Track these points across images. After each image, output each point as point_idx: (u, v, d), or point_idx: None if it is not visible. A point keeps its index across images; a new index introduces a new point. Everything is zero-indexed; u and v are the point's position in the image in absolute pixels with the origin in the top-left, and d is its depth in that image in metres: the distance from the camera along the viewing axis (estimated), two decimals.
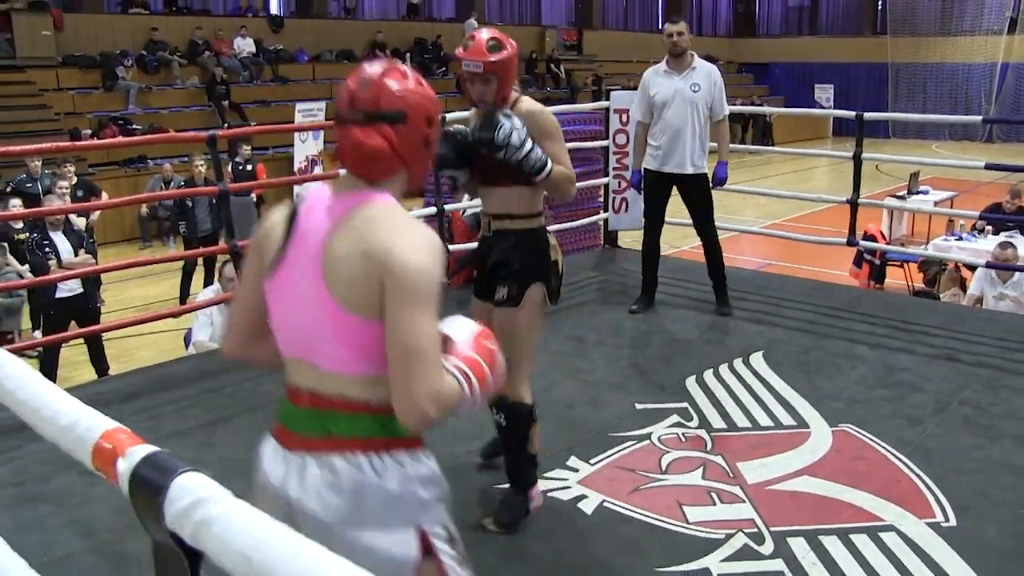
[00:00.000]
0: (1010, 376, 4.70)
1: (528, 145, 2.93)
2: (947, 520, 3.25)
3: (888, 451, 3.79)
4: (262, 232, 1.74)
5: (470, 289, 3.35)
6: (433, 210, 6.04)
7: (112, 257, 9.27)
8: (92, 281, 6.94)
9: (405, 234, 1.59)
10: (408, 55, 20.05)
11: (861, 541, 3.13)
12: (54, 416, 1.19)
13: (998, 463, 3.71)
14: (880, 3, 30.44)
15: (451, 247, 5.98)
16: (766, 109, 18.46)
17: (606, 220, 7.32)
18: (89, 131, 13.59)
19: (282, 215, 1.73)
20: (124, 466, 1.05)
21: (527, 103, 3.14)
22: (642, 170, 5.59)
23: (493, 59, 2.91)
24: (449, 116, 5.87)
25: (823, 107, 26.73)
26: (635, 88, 5.95)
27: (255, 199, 10.75)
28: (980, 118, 8.75)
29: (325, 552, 0.92)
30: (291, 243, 1.67)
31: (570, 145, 7.25)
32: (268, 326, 1.74)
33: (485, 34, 2.97)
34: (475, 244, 3.42)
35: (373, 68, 1.71)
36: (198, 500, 0.95)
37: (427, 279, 1.56)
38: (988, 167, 6.37)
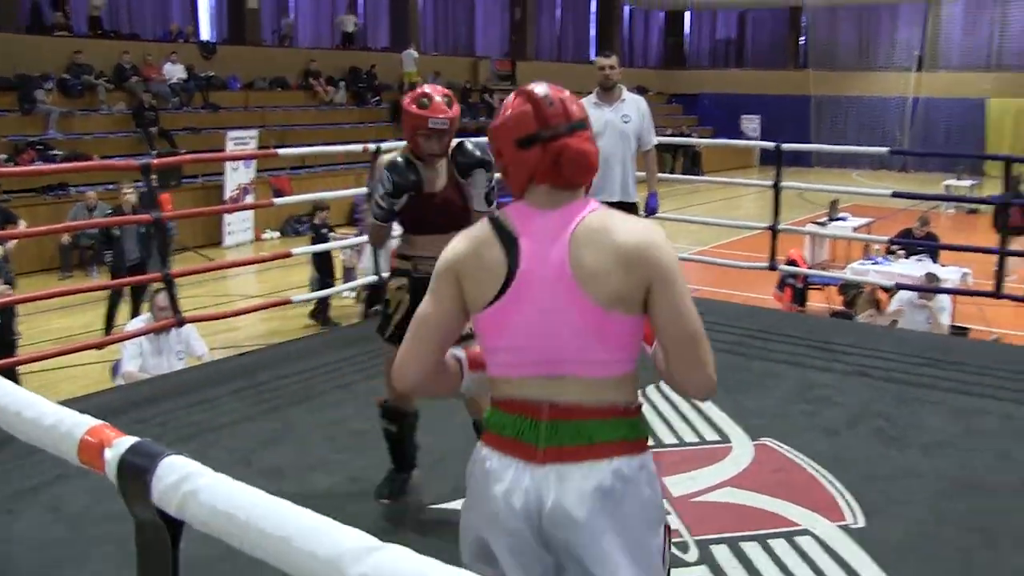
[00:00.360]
0: (917, 390, 5.00)
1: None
2: (856, 522, 3.49)
3: (805, 462, 4.03)
4: (460, 262, 1.73)
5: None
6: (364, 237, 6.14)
7: (30, 287, 9.04)
8: (7, 312, 6.73)
9: (647, 231, 1.71)
10: (343, 83, 20.16)
11: (779, 545, 3.34)
12: (37, 417, 1.31)
13: (904, 469, 3.97)
14: (802, 38, 31.51)
15: (384, 274, 6.10)
16: (695, 140, 18.97)
17: None
18: (4, 156, 13.07)
19: (488, 243, 1.72)
20: (112, 454, 1.18)
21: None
22: None
23: (452, 114, 3.27)
24: (384, 146, 6.05)
25: (750, 137, 27.47)
26: None
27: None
28: (887, 149, 9.18)
29: (304, 510, 1.06)
30: (521, 266, 1.68)
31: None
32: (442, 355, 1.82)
33: (436, 92, 3.29)
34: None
35: (536, 87, 1.78)
36: (185, 476, 1.09)
37: (679, 267, 1.70)
38: (895, 195, 6.75)
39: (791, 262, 9.12)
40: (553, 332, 1.68)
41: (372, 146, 6.04)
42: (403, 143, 3.47)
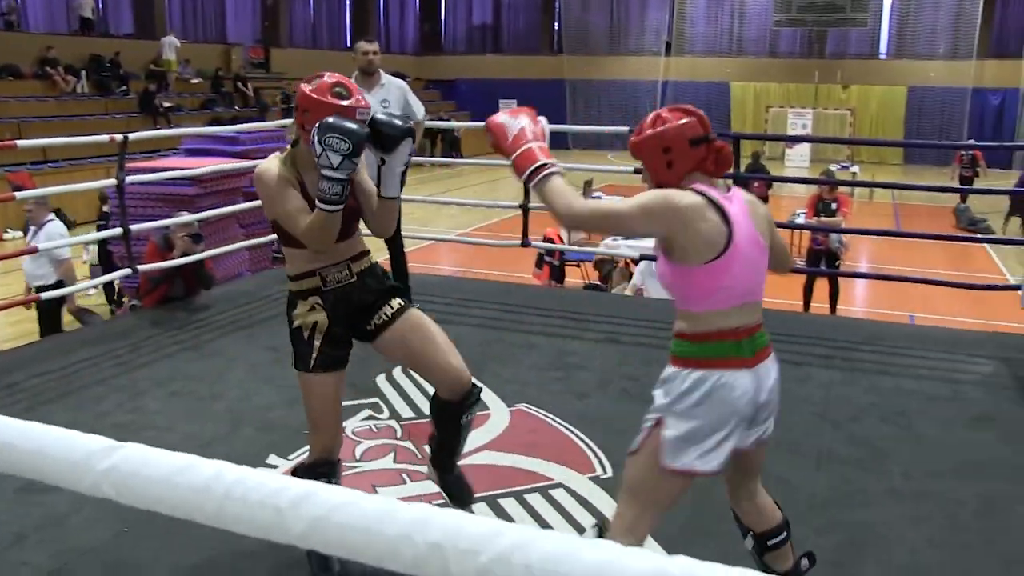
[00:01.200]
0: (660, 352, 5.32)
1: None
2: (605, 473, 3.78)
3: (558, 423, 4.29)
4: (695, 213, 2.28)
5: (161, 309, 3.32)
6: (119, 231, 5.92)
7: None
8: None
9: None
10: (84, 73, 18.98)
11: (534, 499, 3.56)
12: None
13: None
14: (556, 24, 32.66)
15: (140, 267, 5.92)
16: (453, 123, 19.30)
17: None
18: None
19: (707, 208, 2.29)
20: None
21: None
22: None
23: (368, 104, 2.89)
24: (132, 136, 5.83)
25: None
26: None
27: None
28: (627, 128, 9.70)
29: (52, 427, 1.12)
30: (735, 230, 2.30)
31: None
32: None
33: (342, 79, 2.88)
34: (164, 264, 3.34)
35: (683, 106, 2.43)
36: None
37: None
38: (636, 171, 7.19)
39: (548, 240, 9.52)
40: (751, 275, 2.39)
41: (119, 137, 5.79)
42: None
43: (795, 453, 3.72)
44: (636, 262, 8.59)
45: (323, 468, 2.98)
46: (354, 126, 2.68)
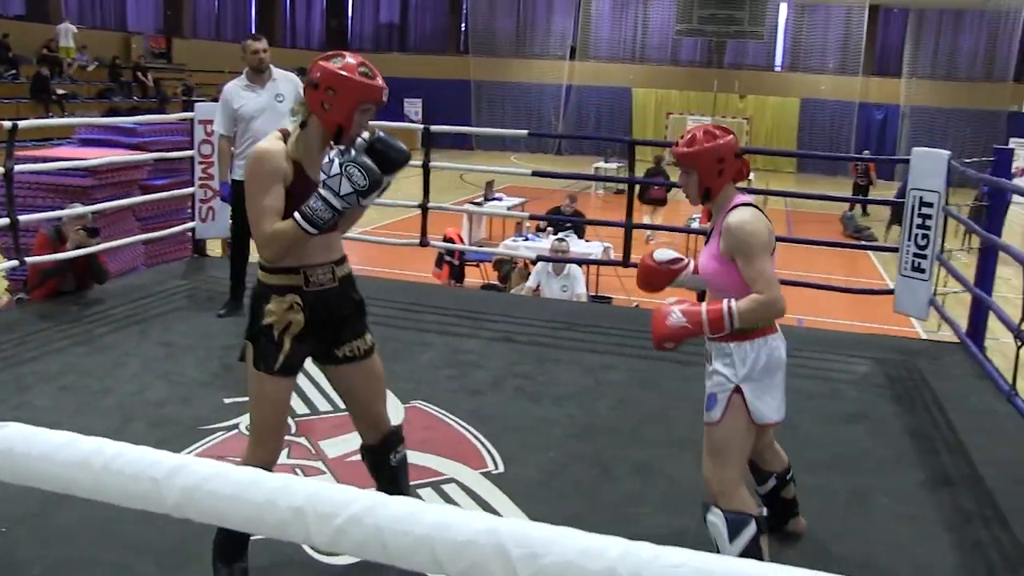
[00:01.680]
0: (554, 351, 5.55)
1: None
2: (497, 468, 3.88)
3: (452, 419, 4.37)
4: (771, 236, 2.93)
5: (51, 303, 3.23)
6: (7, 221, 5.75)
7: None
8: None
9: None
10: None
11: (426, 494, 3.63)
12: None
13: (539, 419, 4.43)
14: (463, 25, 32.73)
15: (29, 259, 5.77)
16: None
17: (193, 230, 7.35)
18: None
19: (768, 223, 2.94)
20: None
21: None
22: (230, 181, 5.69)
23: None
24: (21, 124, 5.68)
25: (412, 120, 28.19)
26: None
27: None
28: (526, 132, 9.80)
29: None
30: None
31: (156, 156, 7.24)
32: None
33: (354, 59, 2.69)
34: (57, 255, 3.17)
35: (717, 125, 3.03)
36: None
37: None
38: (535, 174, 7.35)
39: (448, 240, 9.59)
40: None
41: (7, 124, 5.63)
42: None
43: (682, 449, 3.87)
44: (534, 263, 8.74)
45: None
46: (379, 172, 2.55)
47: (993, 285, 5.80)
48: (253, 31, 30.43)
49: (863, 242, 14.54)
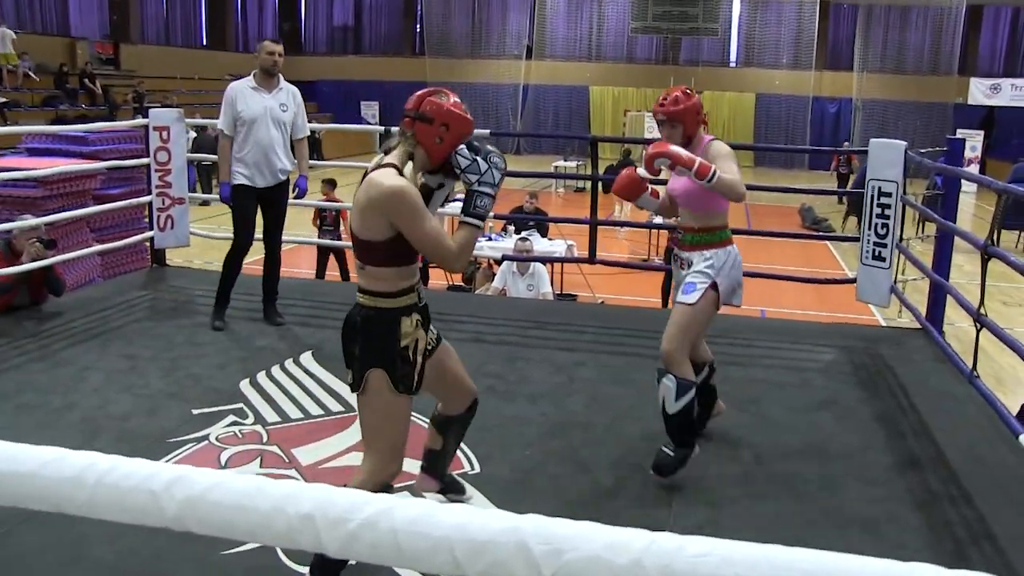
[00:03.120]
0: (524, 349, 5.53)
1: None
2: (473, 469, 3.86)
3: (425, 422, 4.31)
4: None
5: (3, 318, 3.17)
6: None
7: None
8: None
9: None
10: None
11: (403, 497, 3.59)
12: None
13: (513, 418, 4.42)
14: (418, 26, 32.64)
15: None
16: (314, 125, 19.00)
17: (152, 239, 7.16)
18: None
19: None
20: None
21: None
22: (231, 183, 5.60)
23: None
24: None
25: (370, 123, 28.06)
26: (177, 105, 5.99)
27: None
28: (488, 132, 9.67)
29: None
30: None
31: (110, 164, 7.10)
32: None
33: (454, 96, 3.06)
34: (12, 269, 3.21)
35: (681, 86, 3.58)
36: None
37: None
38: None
39: None
40: None
41: None
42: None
43: (657, 443, 3.87)
44: (499, 263, 8.71)
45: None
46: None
47: (950, 271, 5.90)
48: (204, 36, 30.21)
49: (822, 233, 14.71)
